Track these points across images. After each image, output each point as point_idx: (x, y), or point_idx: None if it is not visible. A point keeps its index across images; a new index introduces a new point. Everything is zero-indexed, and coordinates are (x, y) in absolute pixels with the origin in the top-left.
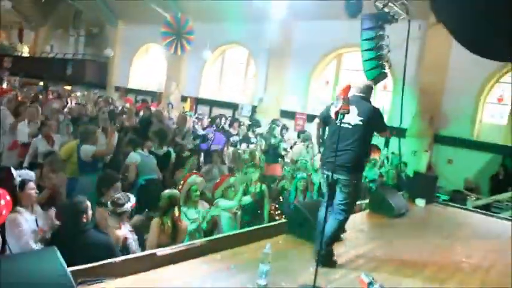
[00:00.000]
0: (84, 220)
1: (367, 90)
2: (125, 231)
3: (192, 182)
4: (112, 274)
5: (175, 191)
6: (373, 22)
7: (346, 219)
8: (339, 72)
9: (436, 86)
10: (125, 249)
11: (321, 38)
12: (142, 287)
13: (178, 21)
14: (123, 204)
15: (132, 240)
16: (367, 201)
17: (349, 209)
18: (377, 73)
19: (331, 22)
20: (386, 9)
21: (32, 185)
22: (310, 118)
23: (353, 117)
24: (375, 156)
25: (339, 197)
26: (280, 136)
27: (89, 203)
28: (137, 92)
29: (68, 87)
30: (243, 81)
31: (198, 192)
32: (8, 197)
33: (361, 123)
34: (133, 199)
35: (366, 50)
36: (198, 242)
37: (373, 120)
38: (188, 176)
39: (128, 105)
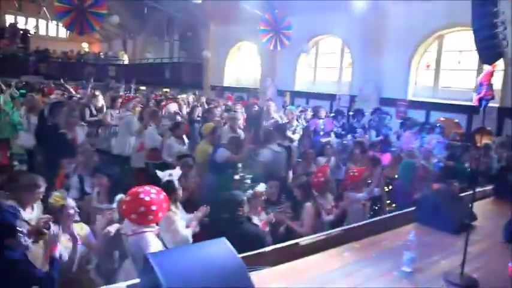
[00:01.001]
0: (240, 212)
1: None
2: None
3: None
4: (261, 263)
5: None
6: None
7: None
8: (440, 54)
9: None
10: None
11: (420, 19)
12: (287, 276)
13: (275, 18)
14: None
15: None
16: None
17: None
18: (493, 53)
19: (430, 2)
20: None
21: (177, 184)
22: (413, 105)
23: None
24: None
25: None
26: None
27: (244, 197)
28: (233, 89)
29: (167, 90)
30: (338, 71)
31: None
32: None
33: None
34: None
35: (478, 29)
36: (335, 231)
37: None
38: (325, 168)
39: (229, 103)
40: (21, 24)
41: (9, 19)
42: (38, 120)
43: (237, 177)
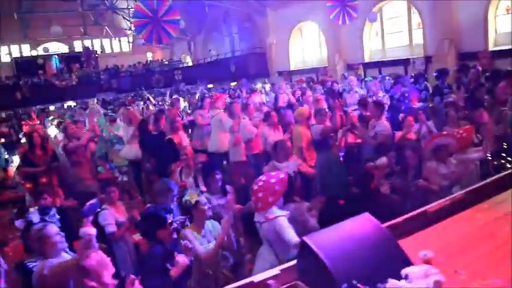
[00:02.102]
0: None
1: None
2: None
3: None
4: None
5: None
6: None
7: None
8: None
9: None
10: None
11: None
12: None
13: None
14: None
15: None
16: None
17: None
18: None
19: None
20: None
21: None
22: (497, 54)
23: None
24: None
25: None
26: None
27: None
28: (300, 72)
29: (234, 83)
30: (408, 34)
31: None
32: None
33: None
34: None
35: None
36: (459, 194)
37: None
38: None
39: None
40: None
41: (76, 44)
42: (139, 130)
43: None
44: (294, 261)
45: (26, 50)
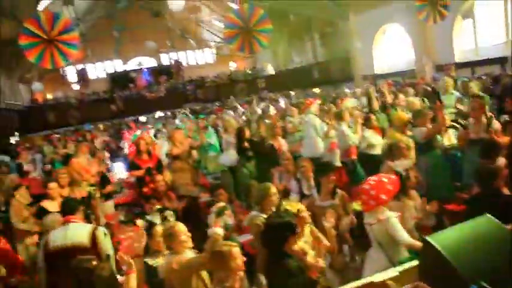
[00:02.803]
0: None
1: None
2: None
3: None
4: None
5: None
6: None
7: None
8: None
9: None
10: None
11: None
12: None
13: None
14: None
15: None
16: None
17: None
18: None
19: None
20: None
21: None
22: None
23: None
24: None
25: None
26: None
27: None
28: (385, 76)
29: (317, 90)
30: (504, 30)
31: None
32: None
33: None
34: None
35: None
36: None
37: None
38: None
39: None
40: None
41: (163, 57)
42: (237, 137)
43: None
44: (412, 263)
45: (118, 65)
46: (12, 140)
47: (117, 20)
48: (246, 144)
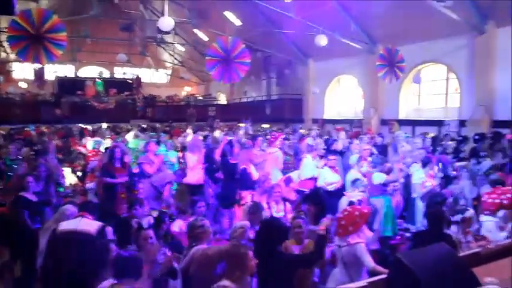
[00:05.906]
0: None
1: None
2: None
3: None
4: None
5: None
6: None
7: None
8: None
9: None
10: None
11: None
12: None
13: (390, 52)
14: None
15: None
16: None
17: None
18: None
19: None
20: None
21: None
22: None
23: None
24: None
25: None
26: None
27: None
28: (334, 121)
29: (267, 125)
30: (444, 97)
31: None
32: None
33: None
34: None
35: None
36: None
37: None
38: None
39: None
40: (128, 74)
41: (116, 71)
42: (205, 158)
43: None
44: (382, 276)
45: (70, 70)
46: None
47: (82, 25)
48: None
